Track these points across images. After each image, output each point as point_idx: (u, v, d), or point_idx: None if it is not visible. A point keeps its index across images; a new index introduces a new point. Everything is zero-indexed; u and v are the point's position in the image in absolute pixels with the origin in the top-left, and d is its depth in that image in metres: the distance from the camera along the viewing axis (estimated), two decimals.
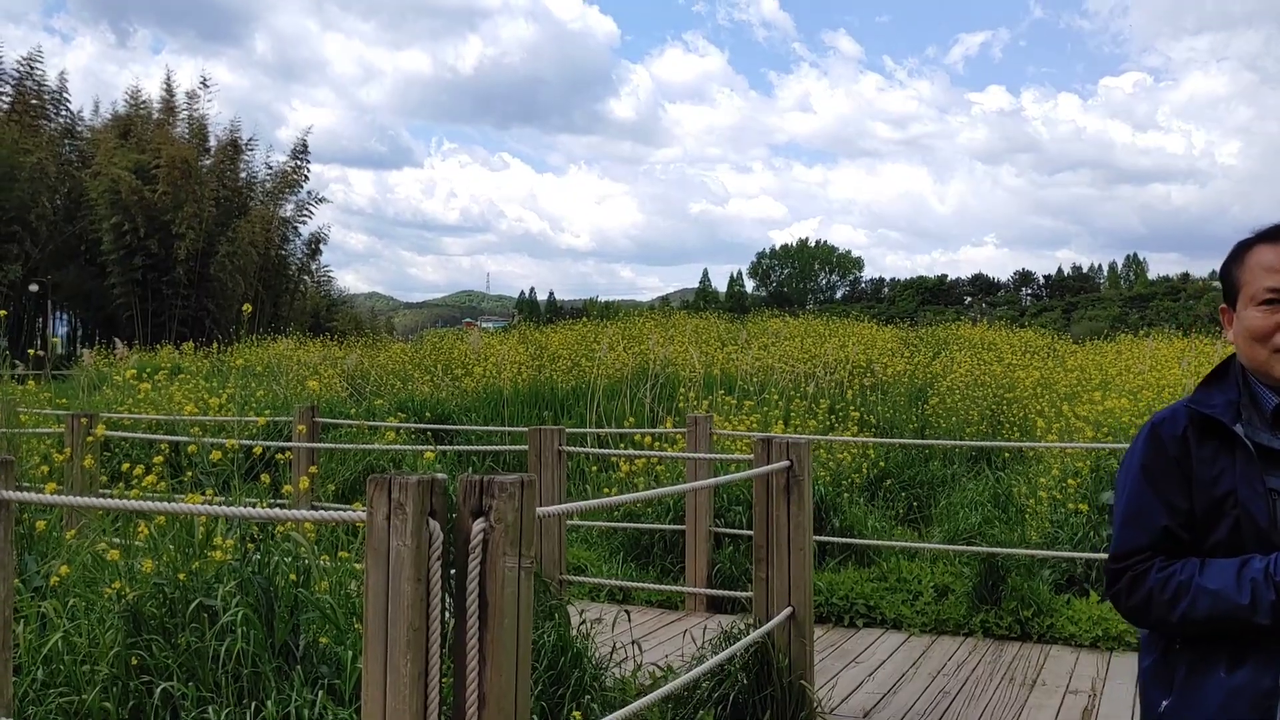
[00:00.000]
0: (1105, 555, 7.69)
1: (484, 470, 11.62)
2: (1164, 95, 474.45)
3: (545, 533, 6.85)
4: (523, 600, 2.98)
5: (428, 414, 13.64)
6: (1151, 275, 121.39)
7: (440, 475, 2.93)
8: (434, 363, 18.87)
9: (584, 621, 5.33)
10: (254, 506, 4.93)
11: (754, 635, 5.13)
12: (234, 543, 4.39)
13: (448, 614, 2.95)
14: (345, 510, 3.09)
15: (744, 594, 6.53)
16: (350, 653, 4.16)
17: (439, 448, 9.69)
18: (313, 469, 5.77)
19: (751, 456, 5.73)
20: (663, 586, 8.10)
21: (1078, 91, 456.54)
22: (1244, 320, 2.18)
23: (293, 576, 4.40)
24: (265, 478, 5.01)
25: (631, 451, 9.58)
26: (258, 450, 5.04)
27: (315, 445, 8.66)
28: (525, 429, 7.91)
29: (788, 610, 5.26)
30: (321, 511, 3.11)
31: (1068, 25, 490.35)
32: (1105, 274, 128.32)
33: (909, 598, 7.66)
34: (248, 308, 6.54)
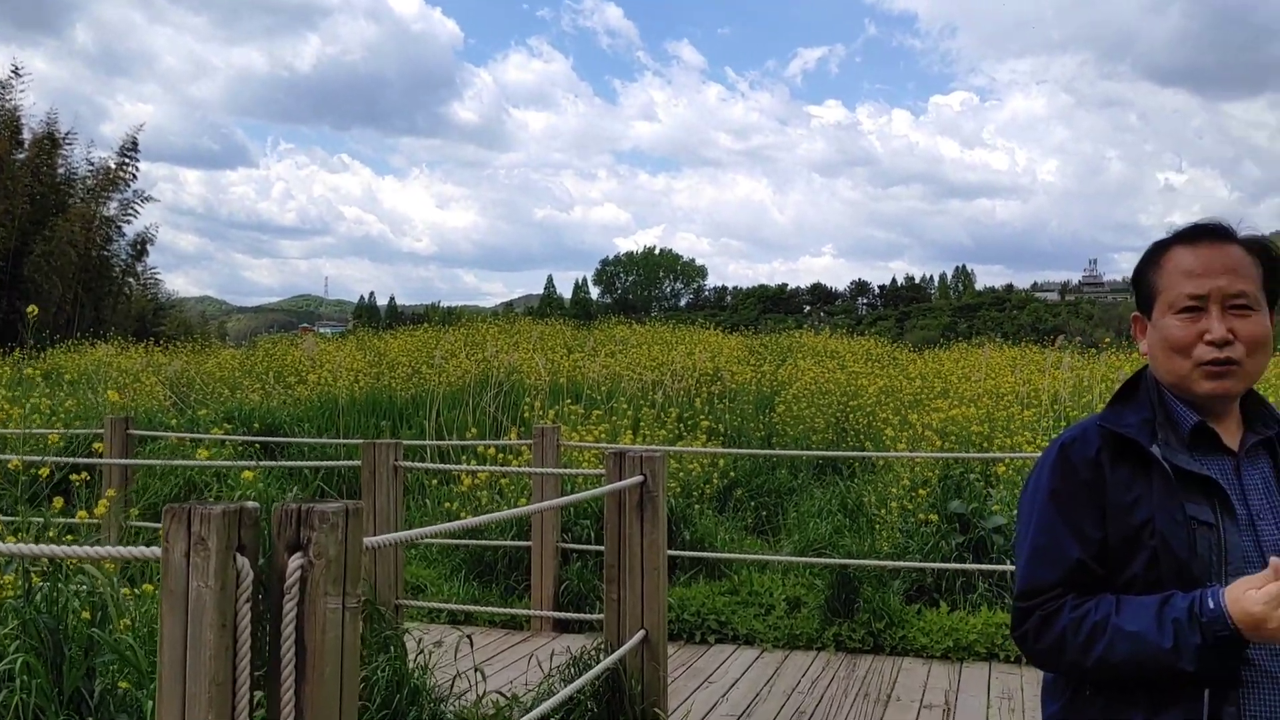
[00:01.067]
0: (955, 565, 7.61)
1: (315, 486, 11.06)
2: (989, 114, 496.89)
3: (379, 555, 6.40)
4: (347, 645, 2.60)
5: (257, 424, 12.88)
6: (979, 286, 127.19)
7: (250, 504, 2.52)
8: (266, 369, 17.97)
9: (421, 651, 4.94)
10: (42, 532, 4.38)
11: (606, 662, 4.84)
12: (15, 578, 3.83)
13: (259, 664, 2.56)
14: (138, 548, 2.65)
15: (594, 616, 6.24)
16: (151, 702, 3.67)
17: (265, 463, 9.04)
18: (111, 492, 5.19)
19: (601, 470, 5.43)
20: (507, 610, 7.72)
21: (910, 108, 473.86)
22: (1162, 330, 1.97)
23: (86, 615, 3.88)
24: (59, 501, 4.44)
25: (475, 466, 9.15)
26: (44, 472, 4.46)
27: (123, 462, 7.96)
28: (360, 441, 7.41)
29: (640, 634, 4.99)
30: (107, 549, 2.66)
31: (900, 44, 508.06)
32: (936, 285, 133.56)
33: (761, 612, 7.48)
34: (33, 310, 5.88)
